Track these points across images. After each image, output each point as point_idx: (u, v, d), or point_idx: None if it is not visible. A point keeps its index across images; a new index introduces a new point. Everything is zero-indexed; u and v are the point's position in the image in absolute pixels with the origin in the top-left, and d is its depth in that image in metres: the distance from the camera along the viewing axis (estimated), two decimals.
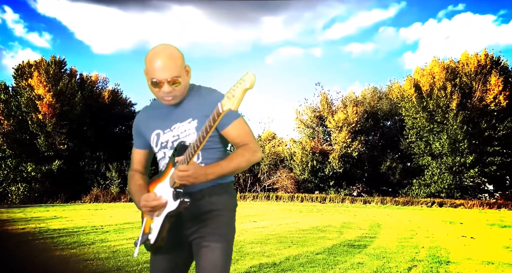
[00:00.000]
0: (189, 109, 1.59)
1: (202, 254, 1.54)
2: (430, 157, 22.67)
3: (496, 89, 21.30)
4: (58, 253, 5.11)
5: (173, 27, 36.51)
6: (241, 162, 1.52)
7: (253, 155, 1.55)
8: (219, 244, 1.54)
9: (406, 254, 5.25)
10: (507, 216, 13.93)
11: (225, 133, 1.58)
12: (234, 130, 1.56)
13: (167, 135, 1.62)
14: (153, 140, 1.66)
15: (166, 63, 1.51)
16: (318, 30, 36.43)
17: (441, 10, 33.97)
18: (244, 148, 1.56)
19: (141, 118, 1.73)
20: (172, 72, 1.51)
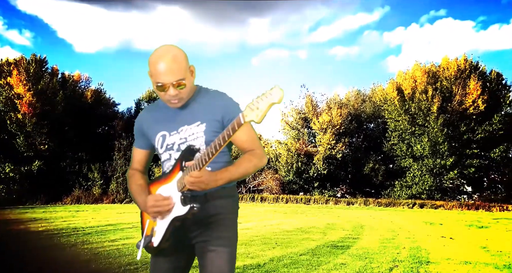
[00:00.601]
0: (197, 112, 1.57)
1: (208, 258, 1.54)
2: (411, 159, 23.13)
3: (475, 93, 21.92)
4: (37, 256, 4.99)
5: (158, 27, 36.16)
6: (248, 168, 1.53)
7: (260, 161, 1.56)
8: (226, 249, 1.55)
9: (387, 254, 5.35)
10: (484, 217, 14.34)
11: (233, 138, 1.53)
12: (242, 135, 1.55)
13: (173, 137, 1.60)
14: (158, 141, 1.63)
15: (170, 66, 1.48)
16: (304, 32, 36.72)
17: (423, 15, 34.74)
18: (251, 153, 1.56)
19: (144, 118, 1.70)
20: (176, 75, 1.49)
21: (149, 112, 1.71)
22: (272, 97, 1.22)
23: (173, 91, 1.50)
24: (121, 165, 23.55)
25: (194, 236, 1.58)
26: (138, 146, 1.73)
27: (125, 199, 21.85)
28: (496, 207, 18.58)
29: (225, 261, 1.53)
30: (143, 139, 1.70)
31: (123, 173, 23.33)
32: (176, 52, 1.52)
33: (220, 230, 1.56)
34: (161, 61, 1.49)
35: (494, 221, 12.19)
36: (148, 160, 1.76)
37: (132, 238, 6.60)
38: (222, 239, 1.55)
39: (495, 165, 22.25)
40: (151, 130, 1.65)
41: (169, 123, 1.61)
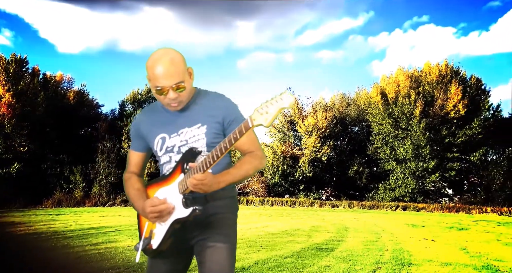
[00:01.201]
0: (198, 114, 1.57)
1: (207, 254, 1.52)
2: (395, 162, 23.51)
3: (456, 98, 22.48)
4: (16, 259, 4.84)
5: (144, 28, 35.82)
6: (249, 170, 1.53)
7: (260, 163, 1.57)
8: (225, 244, 1.54)
9: (371, 256, 5.41)
10: (464, 219, 14.68)
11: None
12: (243, 137, 1.54)
13: (174, 139, 1.59)
14: (157, 144, 1.62)
15: (168, 70, 1.47)
16: (290, 36, 36.96)
17: (406, 21, 35.48)
18: (251, 155, 1.57)
19: (142, 120, 1.68)
20: (175, 78, 1.48)
21: (147, 114, 1.68)
22: (282, 102, 1.23)
23: (173, 94, 1.49)
24: (104, 168, 23.14)
25: (193, 236, 1.58)
26: (135, 149, 1.71)
27: (108, 202, 21.45)
28: (475, 210, 19.04)
29: (224, 257, 1.52)
30: (140, 142, 1.69)
31: (106, 175, 22.93)
32: (174, 54, 1.51)
33: (219, 228, 1.57)
34: (159, 64, 1.47)
35: (474, 223, 12.49)
36: (145, 163, 1.74)
37: (115, 242, 6.49)
38: (221, 236, 1.55)
39: (475, 168, 22.82)
40: (150, 132, 1.63)
41: (168, 126, 1.60)
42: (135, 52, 37.76)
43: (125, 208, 19.10)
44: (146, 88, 28.37)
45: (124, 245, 6.17)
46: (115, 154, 23.77)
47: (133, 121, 1.72)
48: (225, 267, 1.51)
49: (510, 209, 18.60)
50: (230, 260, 1.54)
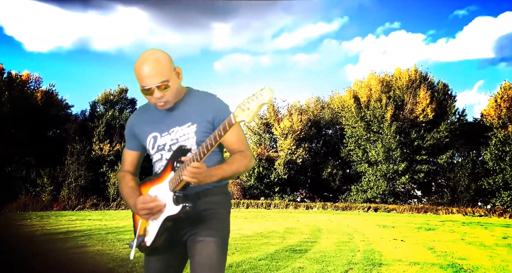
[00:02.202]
0: (188, 113, 1.60)
1: (197, 248, 1.54)
2: (367, 164, 24.10)
3: (424, 102, 23.36)
4: None
5: (117, 28, 35.01)
6: (240, 167, 1.56)
7: (250, 162, 1.60)
8: (214, 238, 1.56)
9: (343, 257, 5.51)
10: (432, 219, 15.24)
11: (223, 139, 1.55)
12: (232, 136, 1.58)
13: (165, 138, 1.62)
14: (149, 142, 1.66)
15: (152, 69, 1.51)
16: (267, 38, 37.24)
17: (379, 27, 36.63)
18: (241, 154, 1.59)
19: (135, 120, 1.72)
20: (159, 77, 1.51)
21: (140, 114, 1.73)
22: (262, 97, 1.27)
23: (158, 93, 1.53)
24: (74, 170, 22.38)
25: (185, 232, 1.60)
26: (129, 148, 1.75)
27: (77, 206, 20.73)
28: (442, 210, 19.82)
29: (213, 250, 1.53)
30: (134, 141, 1.72)
31: (75, 178, 22.19)
32: (158, 55, 1.55)
33: (209, 223, 1.58)
34: (143, 65, 1.52)
35: (441, 223, 12.99)
36: (139, 162, 1.77)
37: (84, 247, 6.28)
38: (212, 230, 1.57)
39: (442, 170, 23.76)
40: (142, 131, 1.67)
41: (160, 125, 1.63)
42: (108, 52, 36.85)
43: (95, 212, 18.53)
44: (118, 89, 27.71)
45: (94, 250, 5.99)
46: (85, 156, 23.04)
47: (127, 121, 1.76)
48: (214, 260, 1.52)
49: (474, 209, 19.50)
50: (219, 254, 1.55)
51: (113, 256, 5.34)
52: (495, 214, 18.27)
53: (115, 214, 16.87)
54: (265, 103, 1.27)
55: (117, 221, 11.97)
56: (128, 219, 13.08)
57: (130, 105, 28.18)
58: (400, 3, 34.09)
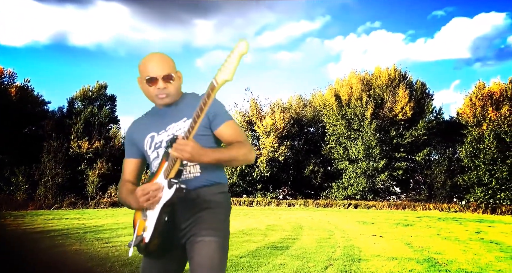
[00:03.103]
0: (184, 109, 1.62)
1: (196, 249, 1.50)
2: (347, 161, 24.47)
3: (403, 100, 23.88)
4: None
5: (96, 23, 34.16)
6: (238, 155, 1.54)
7: (250, 152, 1.57)
8: (214, 238, 1.52)
9: (323, 253, 5.59)
10: (409, 215, 15.63)
11: (219, 132, 1.60)
12: (228, 129, 1.60)
13: (161, 136, 1.64)
14: (147, 143, 1.66)
15: (159, 61, 1.59)
16: (249, 36, 37.15)
17: (360, 26, 37.17)
18: (241, 144, 1.58)
19: (133, 127, 1.75)
20: (165, 68, 1.58)
21: (138, 121, 1.76)
22: (238, 50, 1.26)
23: (162, 84, 1.57)
24: (51, 168, 21.77)
25: (184, 233, 1.56)
26: (128, 156, 1.74)
27: (54, 205, 20.19)
28: (419, 206, 20.35)
29: (213, 251, 1.49)
30: (133, 148, 1.72)
31: (52, 176, 21.60)
32: (164, 54, 1.65)
33: (208, 222, 1.55)
34: (150, 58, 1.61)
35: (418, 219, 13.34)
36: (140, 170, 1.76)
37: (61, 246, 6.13)
38: (210, 230, 1.53)
39: (419, 167, 24.39)
40: (141, 135, 1.68)
41: (157, 124, 1.66)
42: (87, 47, 35.95)
43: (73, 211, 18.11)
44: (97, 85, 27.10)
45: (72, 249, 5.85)
46: (62, 154, 22.45)
47: (126, 132, 1.80)
48: (214, 260, 1.48)
49: (450, 205, 20.12)
50: (219, 253, 1.51)
51: (92, 255, 5.25)
52: (469, 209, 18.91)
53: (94, 212, 16.53)
54: (243, 52, 1.26)
55: (96, 220, 11.73)
56: (107, 218, 12.83)
57: (109, 101, 27.61)
58: (381, 3, 34.67)
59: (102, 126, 25.81)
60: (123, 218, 12.73)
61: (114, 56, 36.43)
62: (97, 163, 23.71)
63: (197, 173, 1.59)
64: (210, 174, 1.60)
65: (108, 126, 26.74)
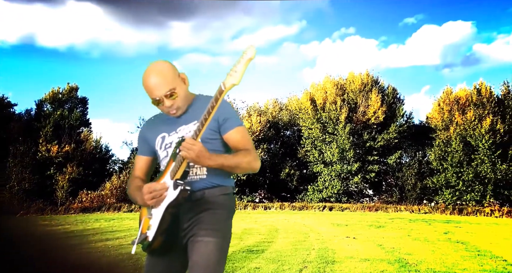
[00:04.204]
0: (195, 112, 1.65)
1: (195, 248, 1.53)
2: (322, 164, 24.84)
3: (376, 105, 24.55)
4: None
5: (68, 23, 33.13)
6: (242, 162, 1.57)
7: (254, 161, 1.61)
8: (213, 239, 1.55)
9: (298, 256, 5.64)
10: (382, 217, 16.02)
11: (227, 137, 1.62)
12: (237, 135, 1.62)
13: (172, 137, 1.69)
14: (158, 143, 1.71)
15: (157, 81, 1.58)
16: (226, 39, 37.14)
17: (335, 31, 37.88)
18: (246, 151, 1.61)
19: (147, 126, 1.81)
20: (165, 87, 1.58)
21: (152, 120, 1.81)
22: (247, 55, 1.32)
23: (168, 102, 1.60)
24: (17, 173, 20.84)
25: (186, 233, 1.59)
26: (140, 153, 1.80)
27: (20, 211, 19.29)
28: (391, 208, 20.89)
29: (211, 251, 1.52)
30: (144, 146, 1.78)
31: (18, 182, 20.68)
32: (160, 66, 1.62)
33: (209, 222, 1.58)
34: (148, 78, 1.60)
35: (390, 220, 13.70)
36: (150, 168, 1.80)
37: (28, 252, 5.86)
38: (210, 231, 1.56)
39: (391, 170, 25.09)
40: (153, 134, 1.74)
41: (168, 125, 1.70)
42: (57, 48, 34.80)
43: (40, 217, 17.38)
44: (68, 87, 26.26)
45: (36, 255, 5.61)
46: (30, 158, 21.56)
47: (140, 129, 1.84)
48: (211, 259, 1.51)
49: (419, 207, 20.78)
50: (217, 253, 1.54)
51: (62, 261, 5.05)
52: (438, 211, 19.61)
53: (64, 218, 15.94)
54: (251, 58, 1.31)
55: (65, 227, 11.32)
56: (78, 224, 12.41)
57: (80, 104, 26.80)
58: (355, 9, 35.59)
59: (72, 130, 25.00)
60: (94, 224, 12.34)
61: (87, 58, 35.43)
62: (67, 168, 22.91)
63: (203, 175, 1.63)
64: (215, 177, 1.64)
65: (79, 129, 25.93)
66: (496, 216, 17.87)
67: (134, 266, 4.93)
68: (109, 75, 37.09)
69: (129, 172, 24.61)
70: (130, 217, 15.70)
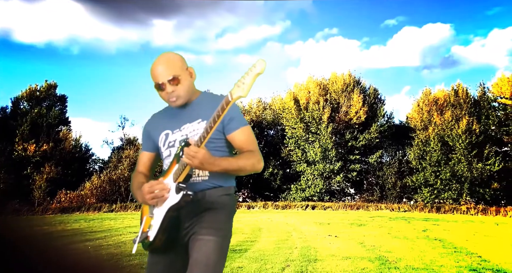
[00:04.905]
0: (199, 110, 1.65)
1: (195, 246, 1.54)
2: (305, 164, 25.05)
3: (358, 105, 24.93)
4: None
5: (46, 19, 32.22)
6: (246, 165, 1.57)
7: (258, 163, 1.61)
8: (214, 238, 1.55)
9: (281, 255, 5.67)
10: (363, 216, 16.29)
11: (232, 137, 1.62)
12: (241, 135, 1.61)
13: (175, 134, 1.68)
14: (161, 140, 1.71)
15: (164, 66, 1.60)
16: (210, 38, 36.96)
17: (319, 32, 38.25)
18: (250, 153, 1.60)
19: (151, 121, 1.80)
20: (170, 72, 1.59)
21: (156, 115, 1.80)
22: (255, 69, 1.32)
23: (170, 87, 1.60)
24: None
25: (187, 232, 1.60)
26: (144, 149, 1.81)
27: None
28: (372, 207, 21.27)
29: (211, 249, 1.53)
30: (148, 142, 1.78)
31: None
32: (170, 55, 1.64)
33: (210, 221, 1.59)
34: (156, 65, 1.62)
35: (371, 219, 13.94)
36: (153, 163, 1.81)
37: None
38: (211, 229, 1.57)
39: (372, 169, 25.53)
40: (156, 130, 1.74)
41: (172, 122, 1.69)
42: (35, 44, 33.82)
43: (16, 218, 16.85)
44: (46, 85, 25.55)
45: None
46: (5, 157, 20.88)
47: (144, 124, 1.83)
48: (211, 258, 1.52)
49: (399, 205, 21.24)
50: (217, 252, 1.55)
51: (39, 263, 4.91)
52: (417, 209, 20.09)
53: (41, 219, 15.51)
54: (259, 73, 1.32)
55: (43, 227, 11.02)
56: (56, 225, 12.10)
57: (59, 102, 26.12)
58: (338, 10, 36.03)
59: (51, 128, 24.34)
60: (73, 224, 12.07)
61: (66, 55, 34.57)
62: (45, 167, 22.29)
63: (206, 177, 1.64)
64: (218, 178, 1.65)
65: (58, 128, 25.28)
66: (472, 213, 18.46)
67: (114, 267, 4.85)
68: (90, 73, 36.35)
69: (109, 172, 24.16)
70: (110, 217, 15.43)
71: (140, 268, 4.77)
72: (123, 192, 24.58)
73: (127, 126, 34.62)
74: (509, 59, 34.49)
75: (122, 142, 29.19)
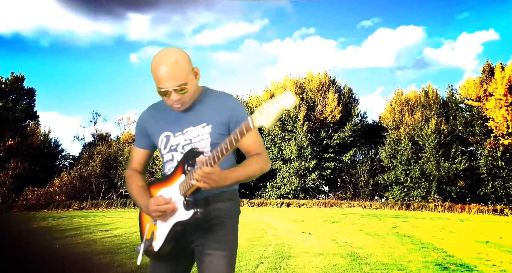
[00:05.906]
0: (203, 113, 1.56)
1: (205, 262, 1.51)
2: (281, 161, 25.24)
3: (333, 104, 25.35)
4: None
5: (12, 8, 30.70)
6: (255, 170, 1.54)
7: (266, 165, 1.57)
8: (224, 253, 1.53)
9: (255, 252, 5.69)
10: (336, 213, 16.61)
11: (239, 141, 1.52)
12: (248, 139, 1.55)
13: (178, 138, 1.58)
14: (161, 142, 1.62)
15: (170, 71, 1.45)
16: (187, 34, 36.39)
17: (296, 31, 38.47)
18: (258, 156, 1.56)
19: (147, 116, 1.67)
20: (177, 80, 1.47)
21: (153, 111, 1.67)
22: (283, 101, 1.21)
23: (175, 96, 1.49)
24: None
25: (193, 239, 1.56)
26: (139, 146, 1.71)
27: None
28: (345, 204, 21.72)
29: (221, 265, 1.51)
30: (144, 139, 1.68)
31: None
32: (178, 55, 1.49)
33: (218, 234, 1.56)
34: (161, 66, 1.46)
35: (344, 216, 14.24)
36: (147, 160, 1.74)
37: None
38: (220, 243, 1.54)
39: (346, 167, 26.07)
40: (155, 130, 1.63)
41: (173, 124, 1.59)
42: (0, 34, 32.16)
43: None
44: (12, 77, 24.41)
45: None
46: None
47: (138, 118, 1.70)
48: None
49: (371, 203, 21.81)
50: (227, 269, 1.54)
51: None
52: (388, 206, 20.69)
53: (4, 217, 14.84)
54: (287, 107, 1.21)
55: (7, 227, 10.55)
56: (21, 223, 11.61)
57: (27, 95, 25.04)
58: (316, 10, 36.39)
59: (17, 122, 23.30)
60: (41, 222, 11.62)
61: (35, 47, 33.10)
62: (11, 163, 21.33)
63: None
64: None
65: (25, 123, 24.23)
66: (439, 211, 19.22)
67: (81, 266, 4.71)
68: (60, 66, 34.96)
69: (80, 168, 23.43)
70: (80, 215, 14.97)
71: (111, 267, 4.67)
72: (94, 189, 23.85)
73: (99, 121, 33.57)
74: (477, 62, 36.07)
75: (94, 138, 28.38)
